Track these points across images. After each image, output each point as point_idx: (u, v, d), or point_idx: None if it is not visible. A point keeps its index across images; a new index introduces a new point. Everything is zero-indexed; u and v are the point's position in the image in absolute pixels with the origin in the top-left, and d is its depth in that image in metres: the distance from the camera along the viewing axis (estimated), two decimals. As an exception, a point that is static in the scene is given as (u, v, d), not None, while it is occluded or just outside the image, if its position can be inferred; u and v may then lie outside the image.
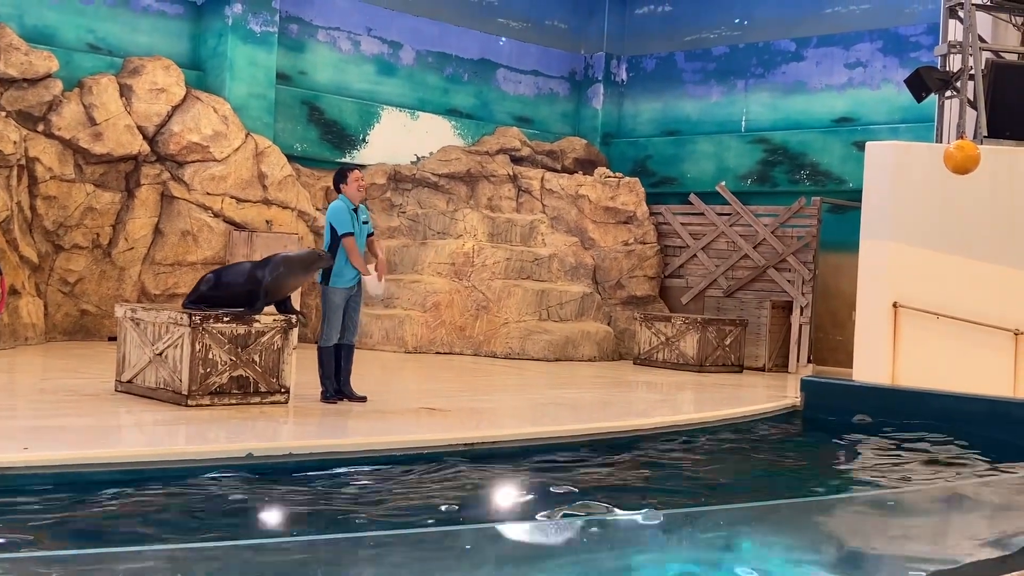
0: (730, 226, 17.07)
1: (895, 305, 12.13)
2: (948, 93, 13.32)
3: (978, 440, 9.57)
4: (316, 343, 9.80)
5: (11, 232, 13.14)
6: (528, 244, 16.92)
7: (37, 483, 6.21)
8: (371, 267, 9.67)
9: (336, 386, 9.60)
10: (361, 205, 9.83)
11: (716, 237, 17.25)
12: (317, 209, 16.22)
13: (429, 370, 13.47)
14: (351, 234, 9.55)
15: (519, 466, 7.79)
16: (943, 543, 4.81)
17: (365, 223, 9.79)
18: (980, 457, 9.11)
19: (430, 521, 6.10)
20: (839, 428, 10.43)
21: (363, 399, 9.61)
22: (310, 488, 6.66)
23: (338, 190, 9.77)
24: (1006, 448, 9.26)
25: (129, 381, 9.28)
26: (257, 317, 9.08)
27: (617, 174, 18.13)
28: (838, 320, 16.34)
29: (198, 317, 8.80)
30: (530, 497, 6.93)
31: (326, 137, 17.05)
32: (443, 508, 6.42)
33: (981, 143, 12.23)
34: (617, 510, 6.20)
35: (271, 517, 6.05)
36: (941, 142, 13.20)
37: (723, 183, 17.46)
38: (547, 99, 20.15)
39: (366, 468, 7.26)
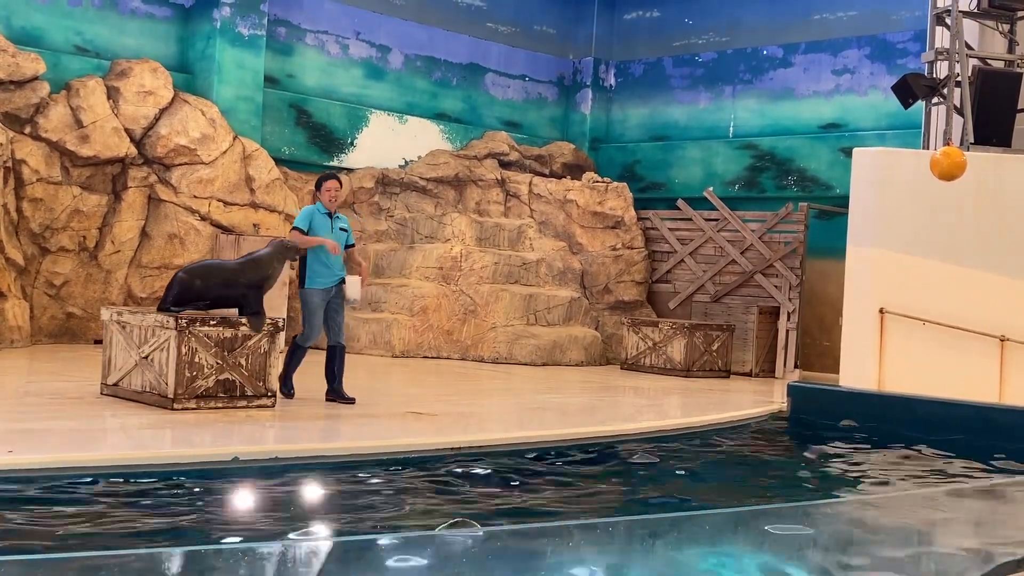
0: (718, 231, 17.10)
1: (881, 311, 12.16)
2: (935, 100, 13.37)
3: (963, 446, 9.60)
4: (294, 338, 9.98)
5: (-3, 234, 13.10)
6: (516, 248, 16.92)
7: (21, 486, 6.18)
8: (354, 275, 9.81)
9: (290, 384, 9.83)
10: (340, 214, 10.06)
11: (704, 242, 17.28)
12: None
13: (416, 374, 13.46)
14: (300, 230, 9.70)
15: (502, 470, 7.78)
16: (927, 550, 4.82)
17: (343, 230, 9.94)
18: (964, 463, 9.13)
19: (416, 526, 6.10)
20: (825, 433, 10.45)
21: (352, 401, 9.64)
22: (296, 492, 6.64)
23: (315, 197, 10.07)
24: (990, 454, 9.28)
25: (115, 384, 9.25)
26: (243, 320, 9.07)
27: (605, 179, 18.16)
28: (825, 326, 16.37)
29: (184, 320, 8.78)
30: (506, 502, 6.93)
31: (314, 140, 17.04)
32: (424, 513, 6.42)
33: (967, 150, 12.28)
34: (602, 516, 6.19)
35: (256, 521, 6.04)
36: (928, 148, 13.25)
37: (711, 188, 17.49)
38: (535, 104, 20.16)
39: (352, 472, 7.24)
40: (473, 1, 19.19)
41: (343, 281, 9.76)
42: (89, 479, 6.40)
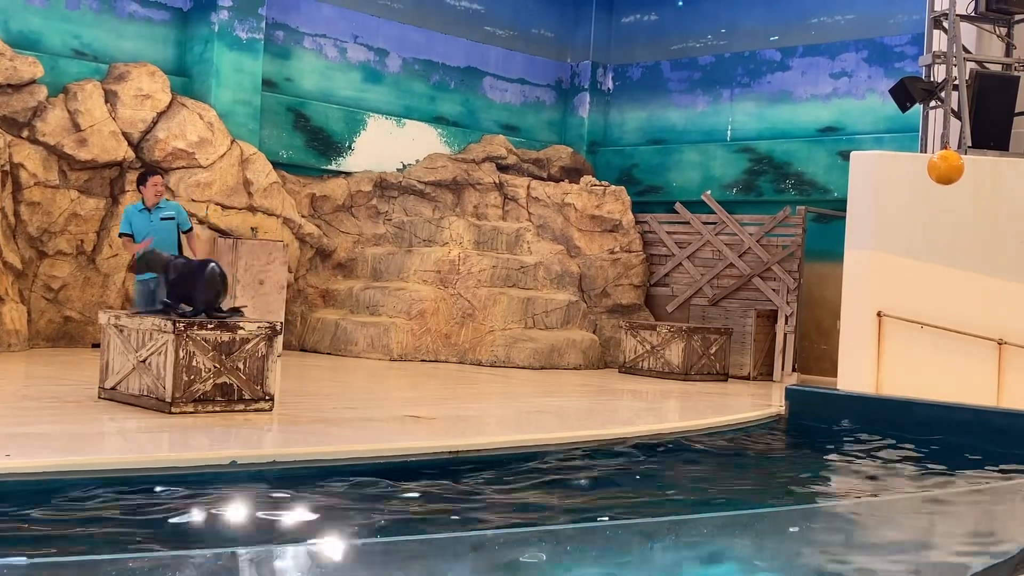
0: (715, 235, 17.10)
1: (879, 314, 12.16)
2: (932, 103, 13.38)
3: (961, 449, 9.60)
4: None
5: (-5, 238, 13.10)
6: (514, 252, 16.92)
7: (19, 490, 6.17)
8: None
9: None
10: (170, 202, 10.73)
11: (701, 246, 17.28)
12: (303, 216, 16.22)
13: (414, 378, 13.45)
14: (126, 235, 10.34)
15: (504, 474, 7.78)
16: (924, 552, 4.83)
17: (168, 219, 10.40)
18: (962, 466, 9.14)
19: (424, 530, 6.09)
20: (823, 437, 10.45)
21: None
22: (293, 496, 6.64)
23: (139, 191, 10.62)
24: (988, 457, 9.29)
25: (113, 388, 9.24)
26: (241, 324, 9.07)
27: (603, 183, 18.16)
28: (823, 329, 16.38)
29: (182, 324, 8.77)
30: (506, 505, 6.93)
31: (312, 144, 17.04)
32: (423, 516, 6.41)
33: (965, 153, 12.29)
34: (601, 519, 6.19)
35: (253, 525, 6.03)
36: (925, 152, 13.26)
37: (708, 192, 17.49)
38: (533, 107, 20.17)
39: (350, 476, 7.23)
40: (471, 5, 19.21)
41: None
42: (87, 483, 6.39)
